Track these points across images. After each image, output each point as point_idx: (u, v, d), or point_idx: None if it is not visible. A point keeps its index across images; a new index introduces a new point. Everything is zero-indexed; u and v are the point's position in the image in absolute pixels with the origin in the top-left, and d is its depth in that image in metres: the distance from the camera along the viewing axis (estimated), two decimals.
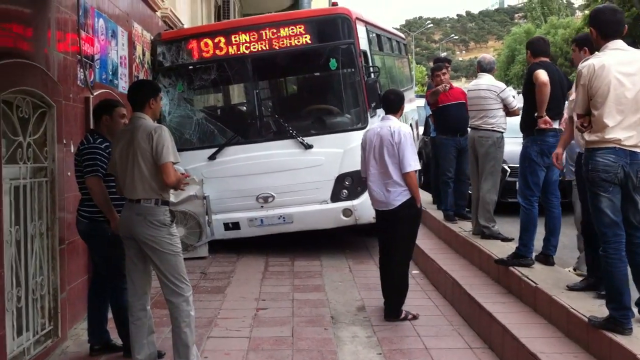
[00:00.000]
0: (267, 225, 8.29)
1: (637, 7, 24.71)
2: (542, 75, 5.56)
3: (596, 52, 4.36)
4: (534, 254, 5.93)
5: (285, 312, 6.12)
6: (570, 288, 5.05)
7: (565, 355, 4.26)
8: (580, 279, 5.29)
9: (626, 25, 4.39)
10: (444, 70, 8.31)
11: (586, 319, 4.30)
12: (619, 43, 4.26)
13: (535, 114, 5.66)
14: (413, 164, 5.61)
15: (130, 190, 4.38)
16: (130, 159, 4.35)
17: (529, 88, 5.82)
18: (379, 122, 5.97)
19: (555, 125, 5.80)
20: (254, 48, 8.23)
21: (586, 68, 4.21)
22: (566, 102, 5.85)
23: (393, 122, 5.76)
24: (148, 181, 4.33)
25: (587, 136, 4.24)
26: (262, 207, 8.24)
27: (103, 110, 4.95)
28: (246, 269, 7.85)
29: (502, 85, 7.37)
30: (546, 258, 5.88)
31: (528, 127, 5.86)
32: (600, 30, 4.30)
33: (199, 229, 8.16)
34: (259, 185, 8.14)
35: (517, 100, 7.36)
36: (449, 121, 8.16)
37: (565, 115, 5.66)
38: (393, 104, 5.90)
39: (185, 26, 10.89)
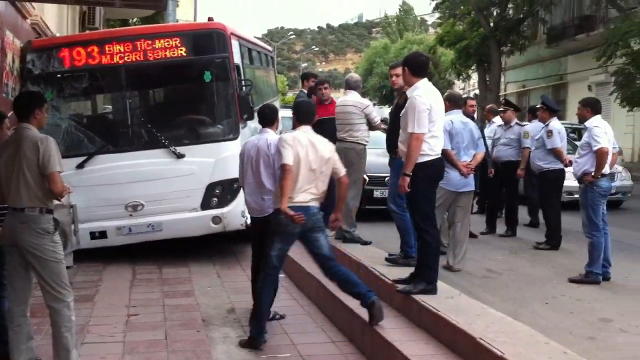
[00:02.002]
0: (136, 233, 8.37)
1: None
2: None
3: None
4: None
5: (157, 317, 6.31)
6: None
7: (417, 342, 4.84)
8: None
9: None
10: (325, 85, 8.79)
11: (433, 309, 4.92)
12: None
13: None
14: None
15: (14, 199, 4.47)
16: (15, 168, 4.45)
17: (399, 112, 6.19)
18: (257, 135, 6.33)
19: None
20: (128, 58, 8.31)
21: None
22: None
23: (270, 134, 6.14)
24: (33, 190, 4.45)
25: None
26: (130, 215, 8.31)
27: None
28: (114, 278, 7.91)
29: (366, 102, 8.02)
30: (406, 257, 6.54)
31: (390, 146, 6.62)
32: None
33: (65, 238, 8.04)
34: (129, 194, 8.22)
35: (378, 116, 8.04)
36: (322, 134, 8.61)
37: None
38: (268, 118, 6.28)
39: (53, 33, 10.71)
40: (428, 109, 5.36)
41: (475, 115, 10.89)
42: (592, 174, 7.21)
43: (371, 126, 7.80)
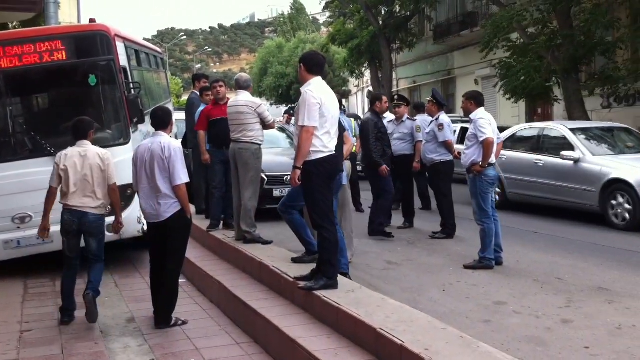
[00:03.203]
0: (25, 246, 7.99)
1: None
2: None
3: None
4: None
5: (53, 332, 6.06)
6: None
7: (320, 337, 4.86)
8: None
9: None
10: (220, 83, 8.68)
11: (335, 304, 4.98)
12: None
13: None
14: (183, 177, 5.91)
15: None
16: None
17: None
18: (150, 138, 6.18)
19: None
20: (6, 64, 7.89)
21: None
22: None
23: (164, 137, 6.03)
24: None
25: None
26: (18, 228, 7.92)
27: None
28: (4, 294, 7.51)
29: (258, 101, 7.97)
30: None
31: None
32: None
33: None
34: (15, 206, 7.82)
35: (272, 116, 8.04)
36: (217, 134, 8.53)
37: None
38: (162, 120, 6.17)
39: None
40: (319, 104, 5.40)
41: None
42: (480, 163, 7.52)
43: (265, 125, 7.78)
